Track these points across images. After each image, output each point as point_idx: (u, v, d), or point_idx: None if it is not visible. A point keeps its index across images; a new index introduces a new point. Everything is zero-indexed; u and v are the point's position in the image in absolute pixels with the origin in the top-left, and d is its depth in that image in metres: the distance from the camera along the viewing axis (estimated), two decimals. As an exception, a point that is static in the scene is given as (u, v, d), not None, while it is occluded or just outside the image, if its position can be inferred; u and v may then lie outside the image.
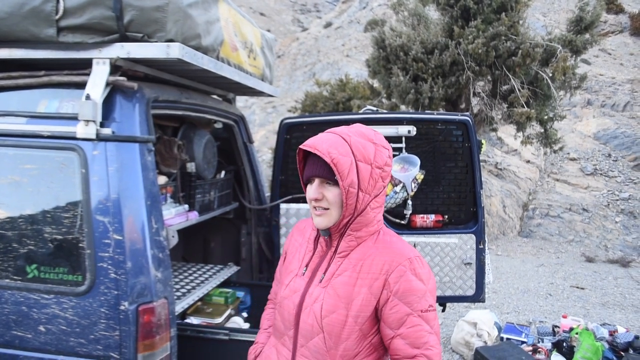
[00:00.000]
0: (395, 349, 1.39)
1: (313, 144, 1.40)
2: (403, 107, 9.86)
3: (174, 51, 1.89)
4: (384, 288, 1.39)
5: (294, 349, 1.48)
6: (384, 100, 10.91)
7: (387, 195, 3.03)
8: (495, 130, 10.57)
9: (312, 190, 1.44)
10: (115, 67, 1.96)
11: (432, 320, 1.39)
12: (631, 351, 4.08)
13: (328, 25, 30.60)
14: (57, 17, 1.90)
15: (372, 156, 1.42)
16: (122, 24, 1.88)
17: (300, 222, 1.75)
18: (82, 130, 1.89)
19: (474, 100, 10.00)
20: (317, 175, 1.43)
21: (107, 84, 1.92)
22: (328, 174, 1.40)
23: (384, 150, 1.46)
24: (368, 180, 1.41)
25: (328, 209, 1.43)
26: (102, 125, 1.91)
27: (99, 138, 1.90)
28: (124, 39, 1.92)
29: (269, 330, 1.76)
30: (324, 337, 1.41)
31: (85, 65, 1.96)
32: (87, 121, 1.88)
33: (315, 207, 1.46)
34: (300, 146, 1.44)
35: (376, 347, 1.45)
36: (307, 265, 1.53)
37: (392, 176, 2.98)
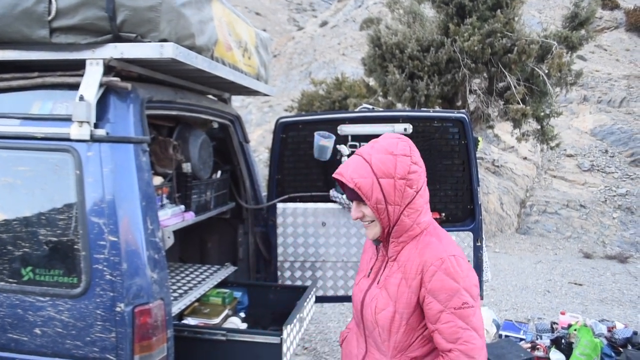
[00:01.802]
0: (435, 342, 1.54)
1: (340, 172, 1.60)
2: (399, 105, 9.85)
3: (168, 51, 1.88)
4: (421, 286, 1.53)
5: (365, 338, 1.71)
6: (380, 98, 10.91)
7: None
8: (491, 127, 10.57)
9: (353, 212, 1.66)
10: (109, 68, 1.95)
11: (467, 316, 1.48)
12: (630, 347, 4.08)
13: (324, 24, 30.58)
14: (49, 18, 1.89)
15: (393, 169, 1.53)
16: (115, 24, 1.87)
17: None
18: (76, 131, 1.88)
19: (470, 98, 10.01)
20: (353, 198, 1.63)
21: (101, 85, 1.91)
22: (359, 196, 1.56)
23: (404, 159, 1.55)
24: (394, 193, 1.53)
25: (374, 221, 1.61)
26: (96, 126, 1.90)
27: (93, 139, 1.89)
28: (117, 39, 1.91)
29: None
30: (379, 331, 1.61)
31: (78, 66, 1.95)
32: (81, 122, 1.87)
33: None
34: (333, 175, 1.65)
35: (429, 338, 1.58)
36: (372, 268, 1.73)
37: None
